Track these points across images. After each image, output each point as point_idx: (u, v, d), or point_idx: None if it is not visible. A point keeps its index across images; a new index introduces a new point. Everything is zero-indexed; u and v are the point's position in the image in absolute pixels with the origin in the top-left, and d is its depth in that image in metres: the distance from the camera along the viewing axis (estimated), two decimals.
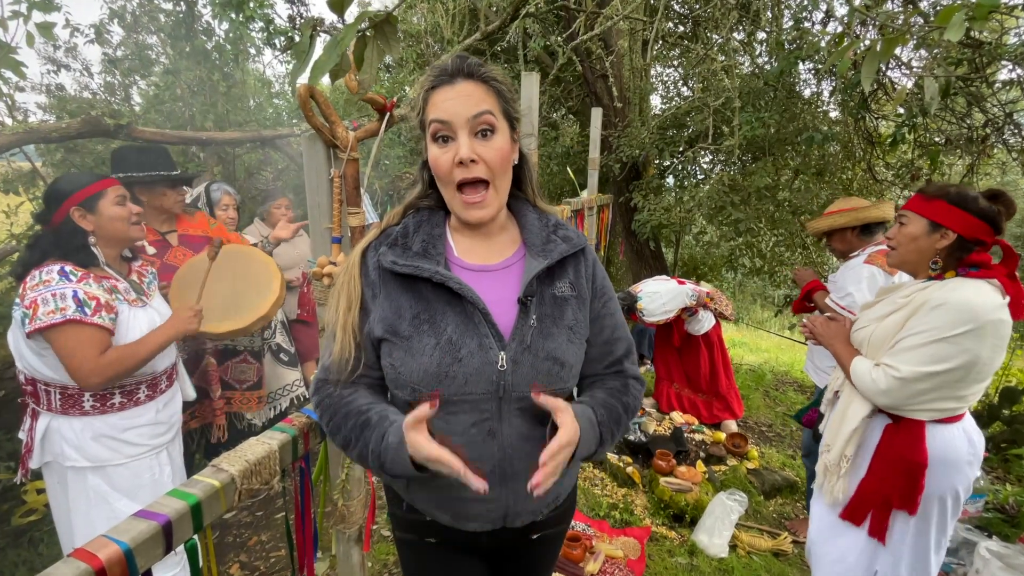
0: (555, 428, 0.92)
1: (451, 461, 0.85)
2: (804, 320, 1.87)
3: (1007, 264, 1.45)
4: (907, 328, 1.48)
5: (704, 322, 3.51)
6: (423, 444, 0.86)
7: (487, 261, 1.04)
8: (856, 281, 2.22)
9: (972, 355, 1.38)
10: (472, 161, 0.93)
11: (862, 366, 1.57)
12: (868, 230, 2.33)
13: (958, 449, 1.51)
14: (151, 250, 2.18)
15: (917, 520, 1.55)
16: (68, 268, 1.55)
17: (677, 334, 3.57)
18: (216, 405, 2.43)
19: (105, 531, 0.82)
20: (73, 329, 1.50)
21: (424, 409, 0.86)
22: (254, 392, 2.66)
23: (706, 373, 3.60)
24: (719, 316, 3.57)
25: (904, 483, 1.51)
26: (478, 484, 0.86)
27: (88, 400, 1.63)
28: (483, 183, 0.96)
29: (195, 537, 0.95)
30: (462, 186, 0.96)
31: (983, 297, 1.39)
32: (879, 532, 1.57)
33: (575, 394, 1.15)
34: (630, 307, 3.34)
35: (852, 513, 1.62)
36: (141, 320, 1.70)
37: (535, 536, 1.12)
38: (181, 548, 0.93)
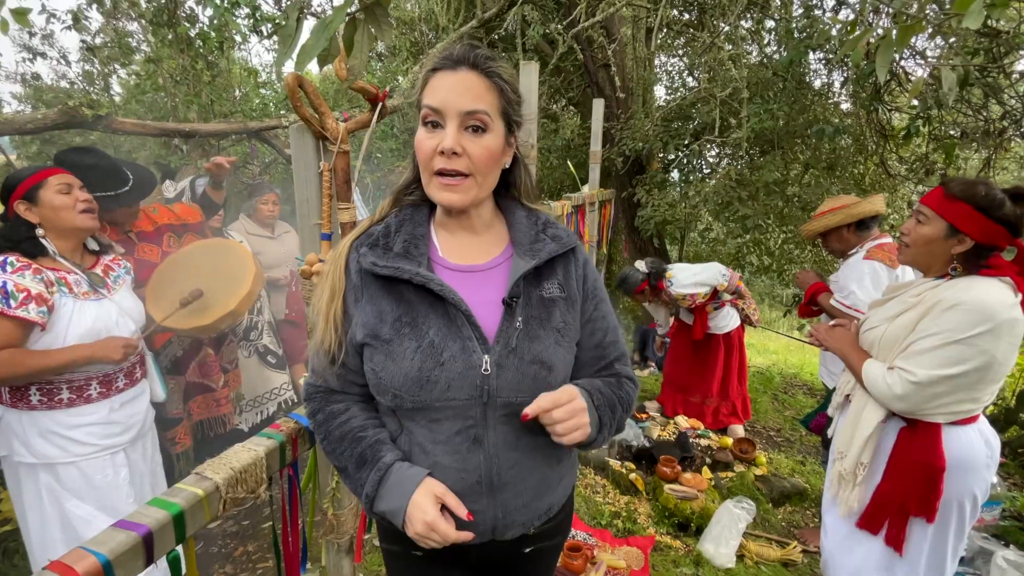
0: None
1: (447, 535, 0.88)
2: (809, 329, 1.87)
3: (1019, 262, 1.43)
4: (920, 329, 1.45)
5: (728, 320, 3.38)
6: (432, 515, 0.89)
7: (472, 261, 1.02)
8: (858, 279, 2.22)
9: (988, 356, 1.37)
10: (455, 153, 0.90)
11: (875, 370, 1.54)
12: (863, 225, 2.34)
13: (975, 451, 1.49)
14: (120, 249, 2.15)
15: (935, 527, 1.52)
16: (11, 259, 1.57)
17: (700, 326, 3.34)
18: (219, 396, 2.44)
19: (62, 533, 0.82)
20: None
21: (460, 510, 0.91)
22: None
23: (719, 376, 3.47)
24: (744, 319, 3.44)
25: (922, 488, 1.49)
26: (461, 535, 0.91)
27: (35, 394, 1.62)
28: (463, 176, 0.93)
29: (178, 548, 0.93)
30: (440, 175, 0.94)
31: (997, 296, 1.37)
32: (896, 541, 1.55)
33: None
34: (659, 273, 3.17)
35: (868, 521, 1.59)
36: (88, 314, 1.67)
37: (528, 550, 1.09)
38: (163, 560, 0.91)
